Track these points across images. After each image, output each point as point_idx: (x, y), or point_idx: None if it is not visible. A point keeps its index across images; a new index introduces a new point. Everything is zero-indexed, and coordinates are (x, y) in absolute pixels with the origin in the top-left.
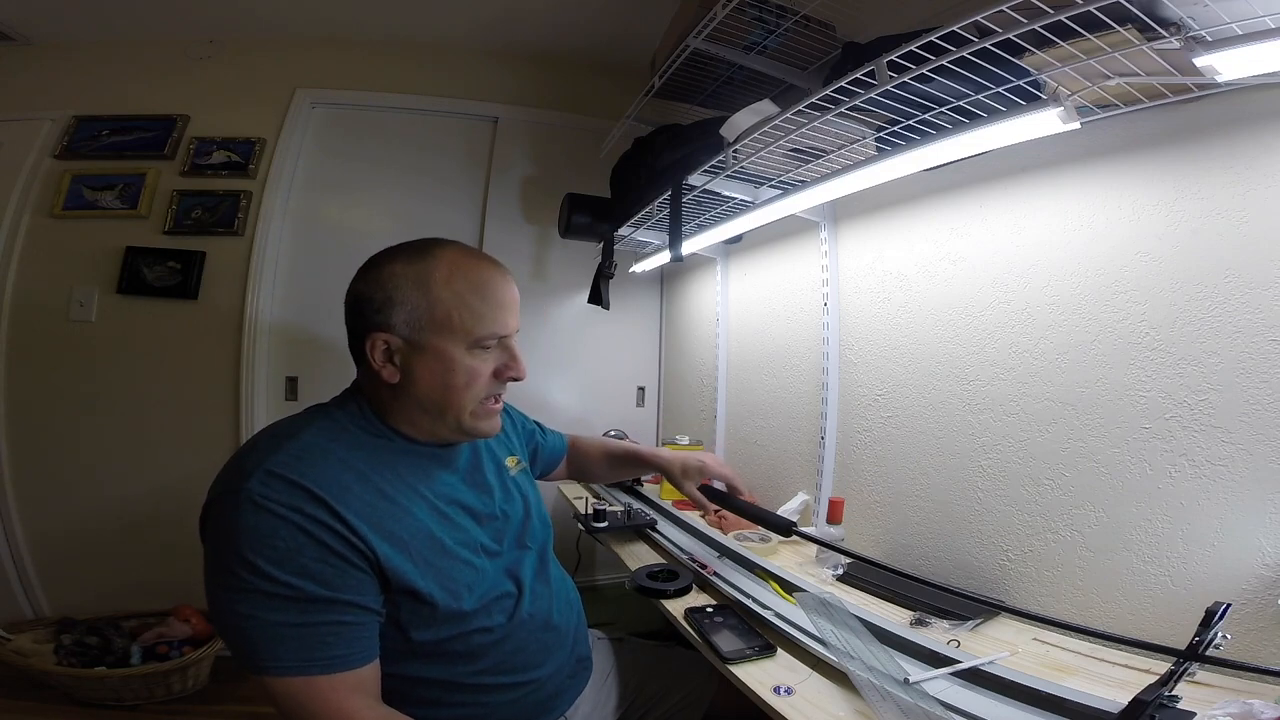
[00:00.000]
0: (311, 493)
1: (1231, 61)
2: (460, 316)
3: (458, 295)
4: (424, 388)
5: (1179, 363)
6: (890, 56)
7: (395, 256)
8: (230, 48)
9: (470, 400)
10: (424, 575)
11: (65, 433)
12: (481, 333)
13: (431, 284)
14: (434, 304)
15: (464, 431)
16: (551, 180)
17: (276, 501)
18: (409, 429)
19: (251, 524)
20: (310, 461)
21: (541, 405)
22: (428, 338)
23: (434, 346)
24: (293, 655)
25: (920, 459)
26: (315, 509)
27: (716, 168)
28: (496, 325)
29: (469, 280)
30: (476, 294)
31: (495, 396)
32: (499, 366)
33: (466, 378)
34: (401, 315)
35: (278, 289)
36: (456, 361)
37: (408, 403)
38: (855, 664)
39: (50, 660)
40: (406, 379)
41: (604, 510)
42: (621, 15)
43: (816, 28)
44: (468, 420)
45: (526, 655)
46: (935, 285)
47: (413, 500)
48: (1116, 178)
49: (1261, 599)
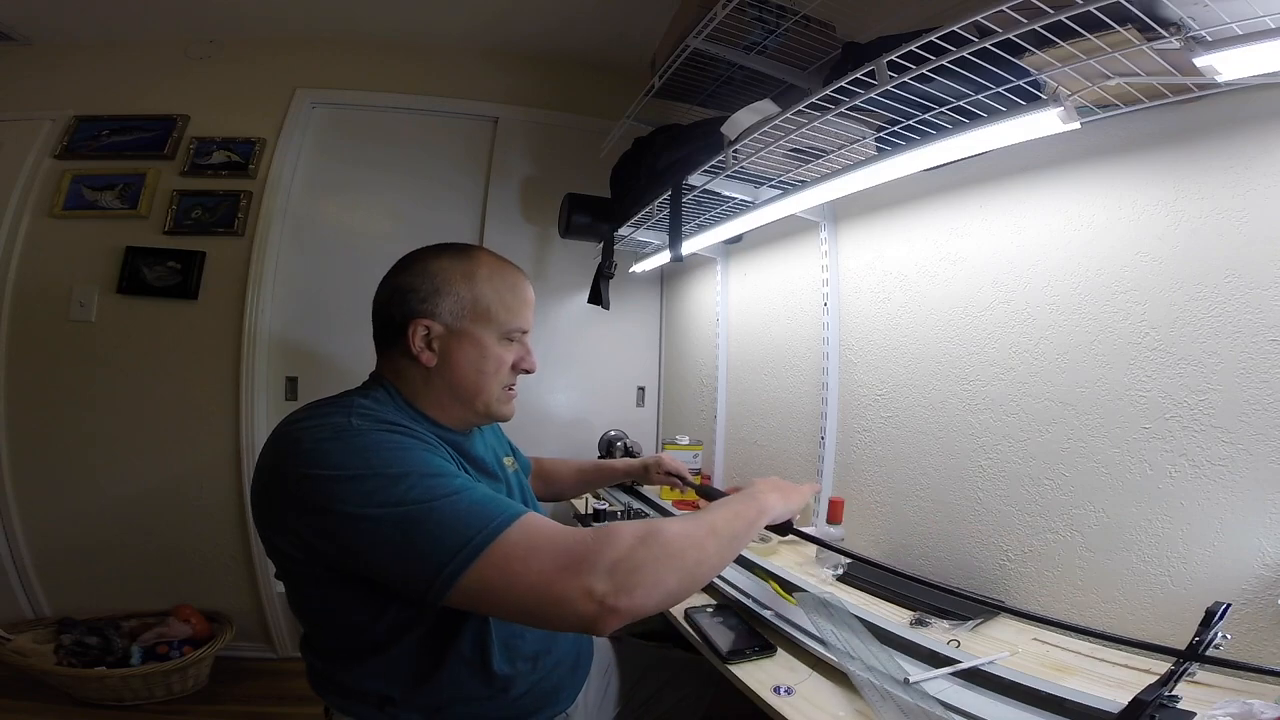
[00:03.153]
0: (396, 423)
1: (1231, 61)
2: (497, 309)
3: (497, 291)
4: (460, 372)
5: (1179, 363)
6: (890, 56)
7: (441, 254)
8: (230, 48)
9: (496, 386)
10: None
11: (65, 433)
12: (511, 326)
13: (476, 279)
14: (478, 297)
15: (489, 415)
16: (551, 180)
17: (376, 424)
18: (436, 412)
19: (374, 441)
20: (381, 413)
21: (542, 406)
22: (468, 325)
23: (473, 334)
24: (498, 507)
25: (920, 459)
26: (408, 431)
27: (716, 168)
28: (522, 320)
29: (505, 280)
30: (511, 292)
31: (512, 385)
32: (516, 359)
33: (495, 364)
34: (447, 304)
35: (278, 289)
36: (490, 349)
37: (440, 386)
38: (855, 664)
39: (50, 660)
40: (443, 363)
41: (604, 510)
42: (621, 15)
43: (816, 28)
44: (494, 405)
45: (534, 642)
46: (935, 285)
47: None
48: (1116, 178)
49: (1261, 599)
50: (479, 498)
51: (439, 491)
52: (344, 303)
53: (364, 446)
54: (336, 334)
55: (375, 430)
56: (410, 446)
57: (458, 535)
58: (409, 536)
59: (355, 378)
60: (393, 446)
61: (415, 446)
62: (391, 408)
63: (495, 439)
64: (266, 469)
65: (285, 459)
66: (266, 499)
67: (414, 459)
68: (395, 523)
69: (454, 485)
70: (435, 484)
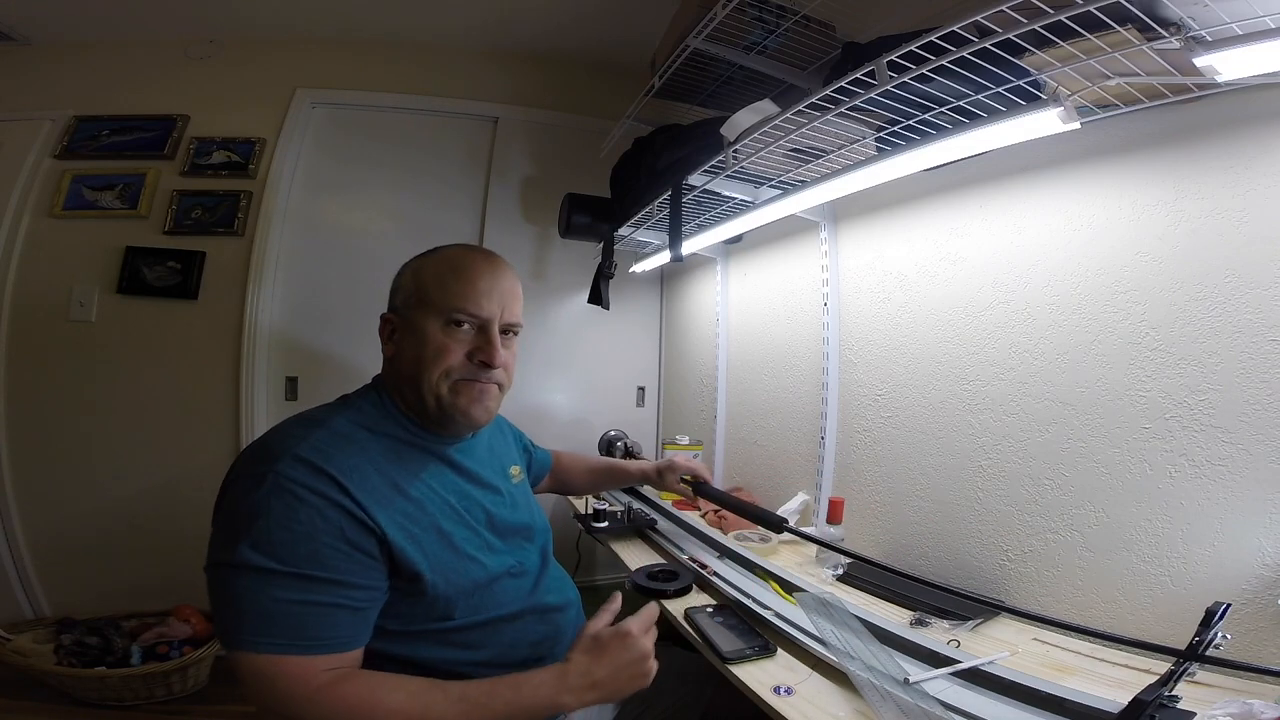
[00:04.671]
0: (334, 479)
1: (1231, 61)
2: (434, 292)
3: (438, 275)
4: (404, 359)
5: (1179, 363)
6: (890, 56)
7: (422, 253)
8: (230, 48)
9: (437, 373)
10: (431, 567)
11: (65, 433)
12: (449, 305)
13: (423, 268)
14: (420, 283)
15: (442, 410)
16: (551, 180)
17: (301, 484)
18: (403, 406)
19: (274, 504)
20: (337, 447)
21: (541, 406)
22: (411, 313)
23: (414, 321)
24: (282, 633)
25: (920, 459)
26: (336, 494)
27: (716, 168)
28: (468, 303)
29: (451, 263)
30: (453, 273)
31: (475, 380)
32: (472, 348)
33: (435, 350)
34: (400, 297)
35: (278, 289)
36: (428, 334)
37: (397, 376)
38: (855, 664)
39: (50, 660)
40: (396, 353)
41: (604, 510)
42: (621, 15)
43: (816, 28)
44: (446, 396)
45: (527, 649)
46: (935, 285)
47: (424, 494)
48: (1116, 178)
49: (1261, 599)
50: (268, 607)
51: (253, 575)
52: (344, 303)
53: (255, 504)
54: (336, 334)
55: (285, 489)
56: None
57: (228, 623)
58: (216, 597)
59: (354, 377)
60: (270, 517)
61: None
62: (377, 416)
63: (505, 448)
64: (244, 459)
65: (239, 465)
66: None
67: (275, 538)
68: (212, 579)
69: (268, 582)
70: (262, 563)
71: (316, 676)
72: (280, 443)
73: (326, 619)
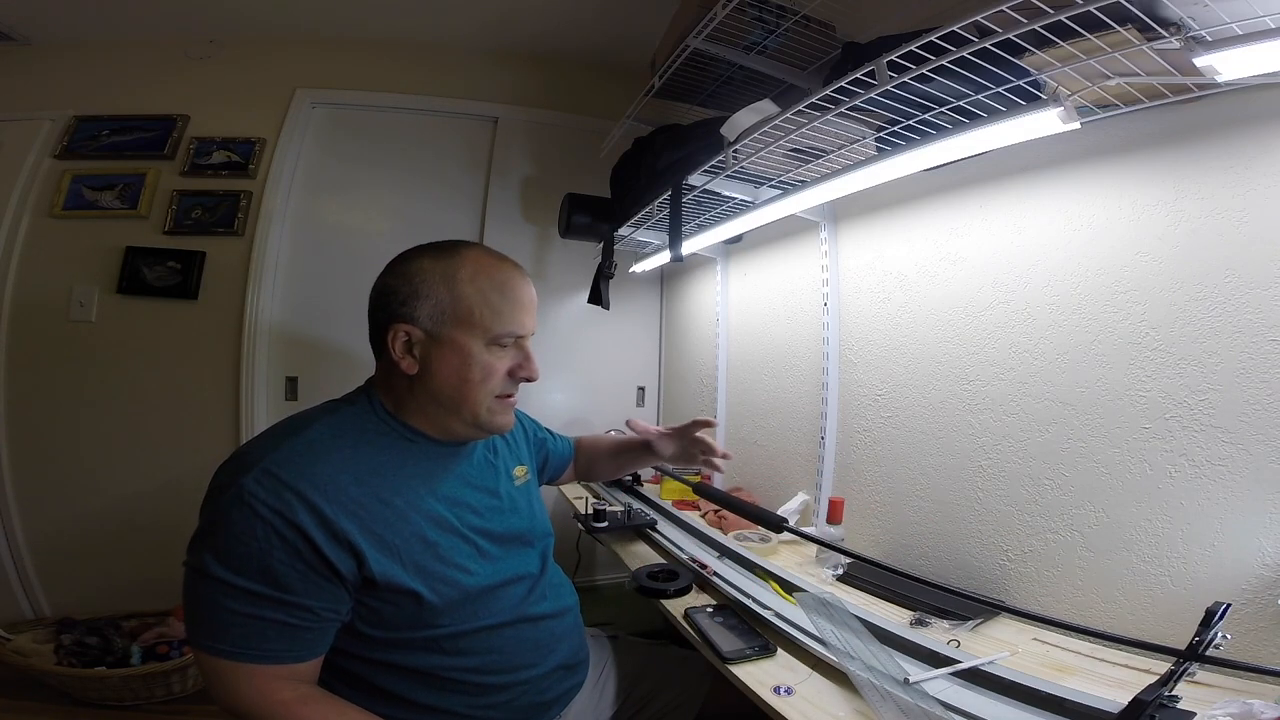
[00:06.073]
0: (302, 495)
1: (1231, 61)
2: (481, 313)
3: (481, 292)
4: (441, 380)
5: (1179, 363)
6: (890, 56)
7: (423, 253)
8: (230, 48)
9: (485, 395)
10: (414, 578)
11: (65, 433)
12: (499, 330)
13: (457, 280)
14: (458, 299)
15: (479, 427)
16: (551, 180)
17: (263, 502)
18: (422, 423)
19: (233, 519)
20: (311, 459)
21: (542, 405)
22: (448, 331)
23: (454, 340)
24: (232, 641)
25: (920, 459)
26: (300, 512)
27: (716, 168)
28: (514, 324)
29: (492, 279)
30: (498, 292)
31: (509, 394)
32: (513, 365)
33: (482, 373)
34: (426, 308)
35: (278, 289)
36: (474, 356)
37: (423, 396)
38: (855, 664)
39: (50, 660)
40: (424, 371)
41: (604, 510)
42: (621, 15)
43: (816, 28)
44: (484, 415)
45: (519, 656)
46: (935, 285)
47: (410, 502)
48: (1116, 178)
49: (1261, 599)
50: (222, 616)
51: (211, 583)
52: (344, 302)
53: (216, 514)
54: (336, 333)
55: (245, 504)
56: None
57: (189, 621)
58: (184, 593)
59: (355, 377)
60: (229, 530)
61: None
62: (363, 423)
63: (511, 448)
64: (226, 465)
65: (221, 471)
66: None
67: (232, 551)
68: (184, 576)
69: (223, 592)
70: (220, 573)
71: (277, 690)
72: (254, 453)
73: (276, 633)
